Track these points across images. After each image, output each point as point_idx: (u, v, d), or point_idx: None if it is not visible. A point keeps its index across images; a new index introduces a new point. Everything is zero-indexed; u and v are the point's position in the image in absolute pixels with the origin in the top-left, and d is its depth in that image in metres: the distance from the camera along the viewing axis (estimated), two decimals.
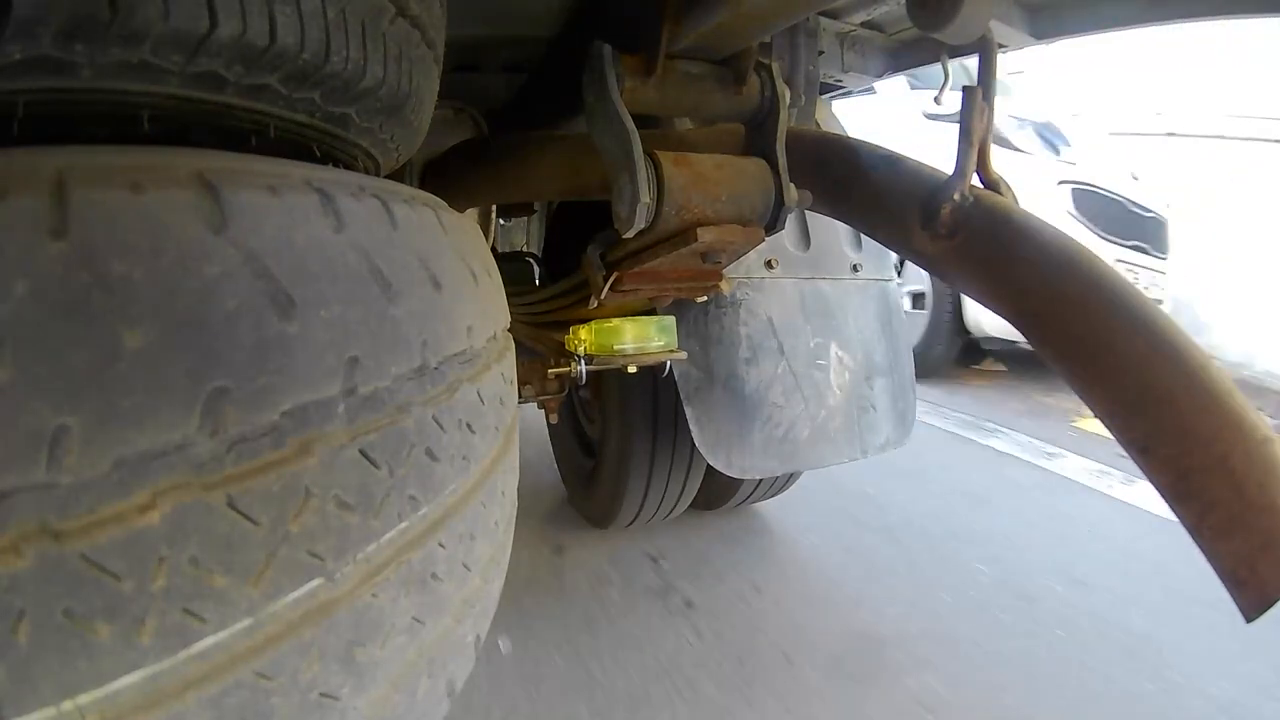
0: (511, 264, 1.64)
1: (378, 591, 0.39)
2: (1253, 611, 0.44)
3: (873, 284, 1.26)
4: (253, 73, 0.42)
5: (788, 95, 0.75)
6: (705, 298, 1.04)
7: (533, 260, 1.70)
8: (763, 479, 1.59)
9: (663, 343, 1.06)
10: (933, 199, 0.63)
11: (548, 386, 1.40)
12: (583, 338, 1.09)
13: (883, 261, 1.28)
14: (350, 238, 0.38)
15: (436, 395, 0.43)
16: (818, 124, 1.15)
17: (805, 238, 1.19)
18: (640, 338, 1.05)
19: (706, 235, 0.71)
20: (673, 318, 1.08)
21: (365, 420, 0.37)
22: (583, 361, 1.08)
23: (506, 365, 0.59)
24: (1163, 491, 0.49)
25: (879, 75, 1.32)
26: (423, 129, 0.67)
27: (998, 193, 0.63)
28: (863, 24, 1.22)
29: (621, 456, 1.46)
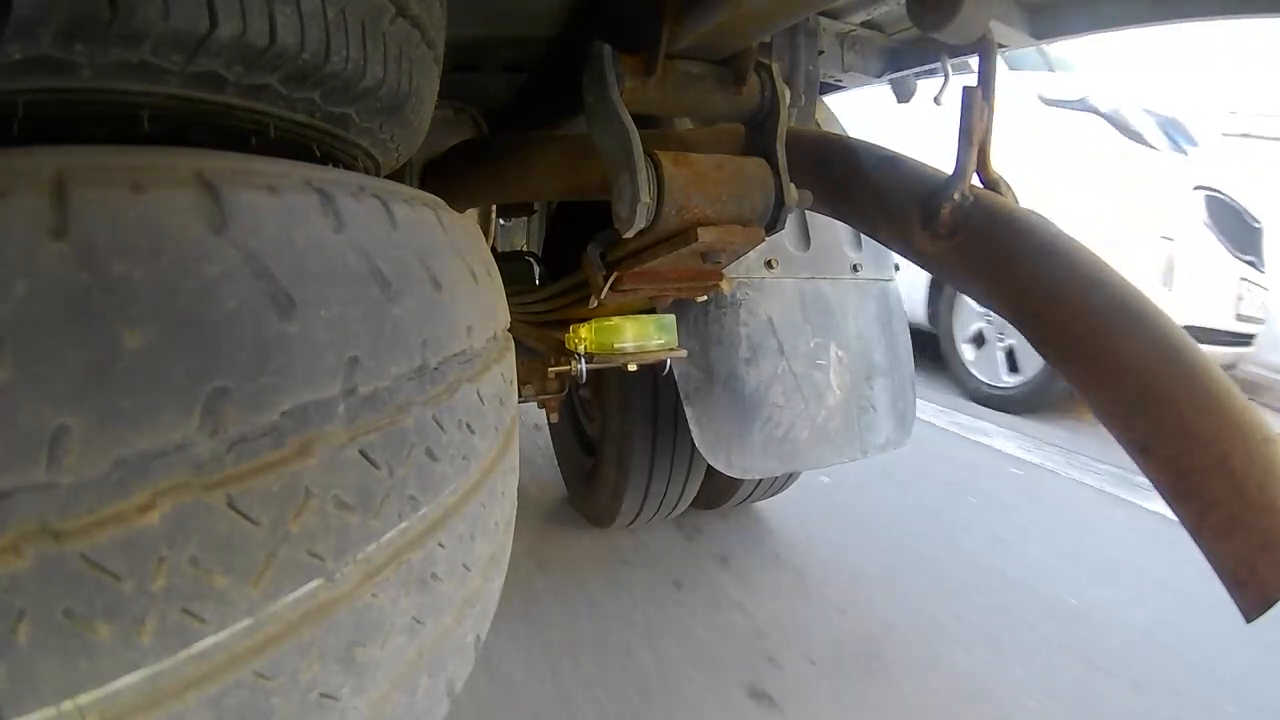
0: (511, 264, 1.64)
1: (378, 591, 0.39)
2: (1253, 611, 0.44)
3: (873, 284, 1.26)
4: (253, 73, 0.42)
5: (788, 95, 0.75)
6: (705, 297, 1.04)
7: (533, 260, 1.70)
8: (763, 479, 1.59)
9: (663, 341, 1.06)
10: (933, 199, 0.63)
11: (548, 385, 1.40)
12: (583, 336, 1.09)
13: (883, 261, 1.28)
14: (350, 238, 0.38)
15: (436, 395, 0.43)
16: (818, 124, 1.15)
17: (805, 238, 1.19)
18: (640, 336, 1.05)
19: (706, 235, 0.71)
20: (673, 316, 1.08)
21: (365, 420, 0.37)
22: (583, 360, 1.08)
23: (506, 365, 0.59)
24: (1163, 491, 0.49)
25: (879, 75, 1.32)
26: (423, 129, 0.67)
27: (998, 193, 0.63)
28: (863, 24, 1.22)
29: (621, 456, 1.46)
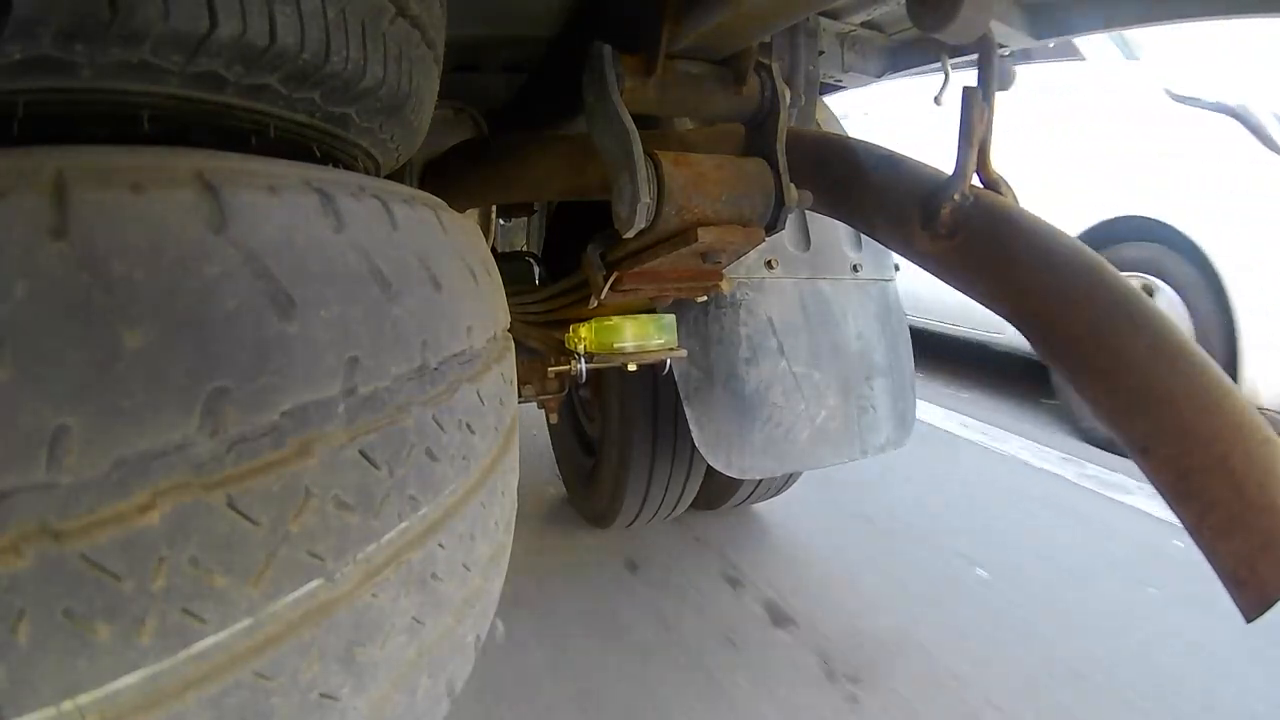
0: (511, 264, 1.64)
1: (378, 591, 0.39)
2: (1253, 611, 0.44)
3: (873, 284, 1.26)
4: (253, 73, 0.42)
5: (788, 95, 0.75)
6: (705, 298, 1.04)
7: (533, 260, 1.70)
8: (762, 479, 1.59)
9: (663, 341, 1.06)
10: (933, 199, 0.63)
11: (548, 385, 1.40)
12: (583, 336, 1.08)
13: (883, 261, 1.28)
14: (350, 238, 0.38)
15: (436, 395, 0.43)
16: (818, 124, 1.15)
17: (805, 238, 1.19)
18: (640, 336, 1.05)
19: (707, 235, 0.71)
20: (672, 316, 1.08)
21: (365, 420, 0.37)
22: (583, 360, 1.08)
23: (506, 365, 0.59)
24: (1163, 491, 0.49)
25: (879, 75, 1.32)
26: (423, 129, 0.67)
27: (998, 193, 0.63)
28: (863, 24, 1.22)
29: (621, 456, 1.46)
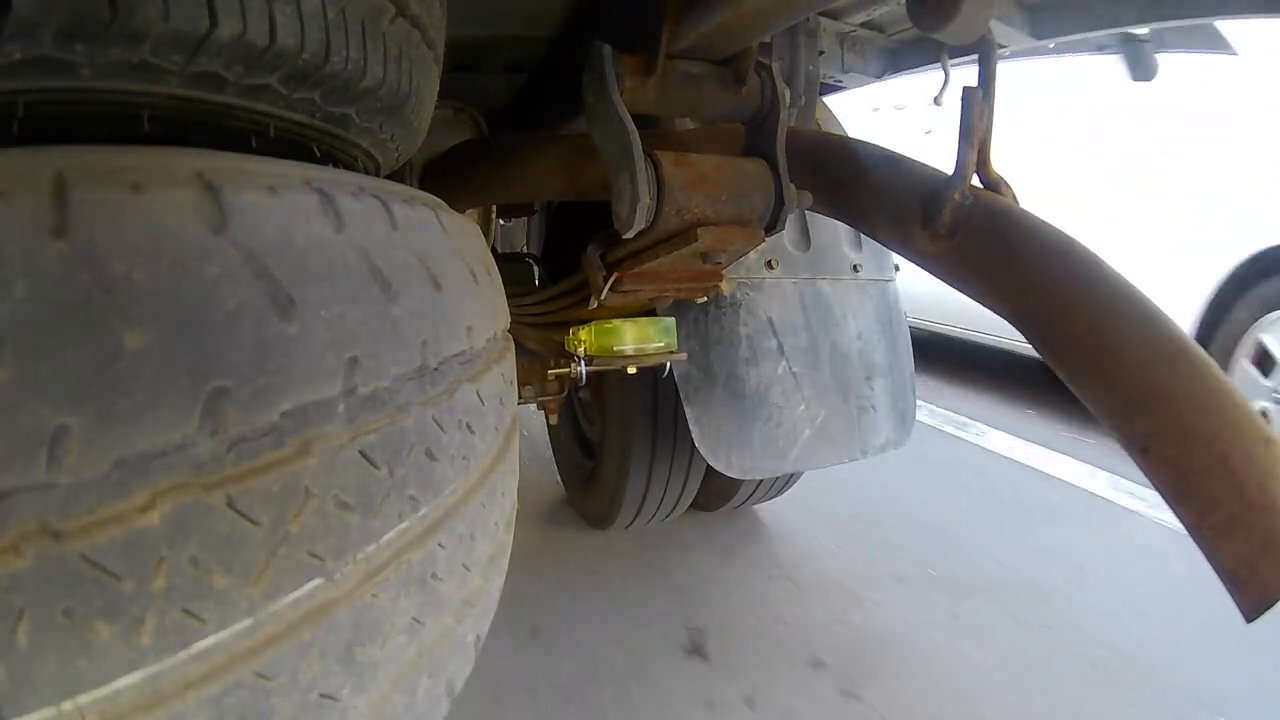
0: (511, 264, 1.64)
1: (378, 592, 0.39)
2: (1252, 612, 0.44)
3: (873, 284, 1.26)
4: (253, 73, 0.42)
5: (788, 95, 0.75)
6: (705, 298, 1.04)
7: (533, 260, 1.70)
8: (763, 480, 1.59)
9: (663, 344, 1.06)
10: (933, 199, 0.63)
11: (548, 387, 1.40)
12: (582, 338, 1.08)
13: (883, 261, 1.28)
14: (350, 238, 0.38)
15: (436, 396, 0.43)
16: (818, 124, 1.15)
17: (805, 238, 1.19)
18: (640, 339, 1.05)
19: (707, 236, 0.71)
20: (673, 319, 1.08)
21: (365, 420, 0.37)
22: (583, 362, 1.08)
23: (506, 366, 0.59)
24: (1163, 491, 0.49)
25: (879, 75, 1.32)
26: (423, 129, 0.67)
27: (998, 193, 0.63)
28: (863, 24, 1.22)
29: (621, 457, 1.46)
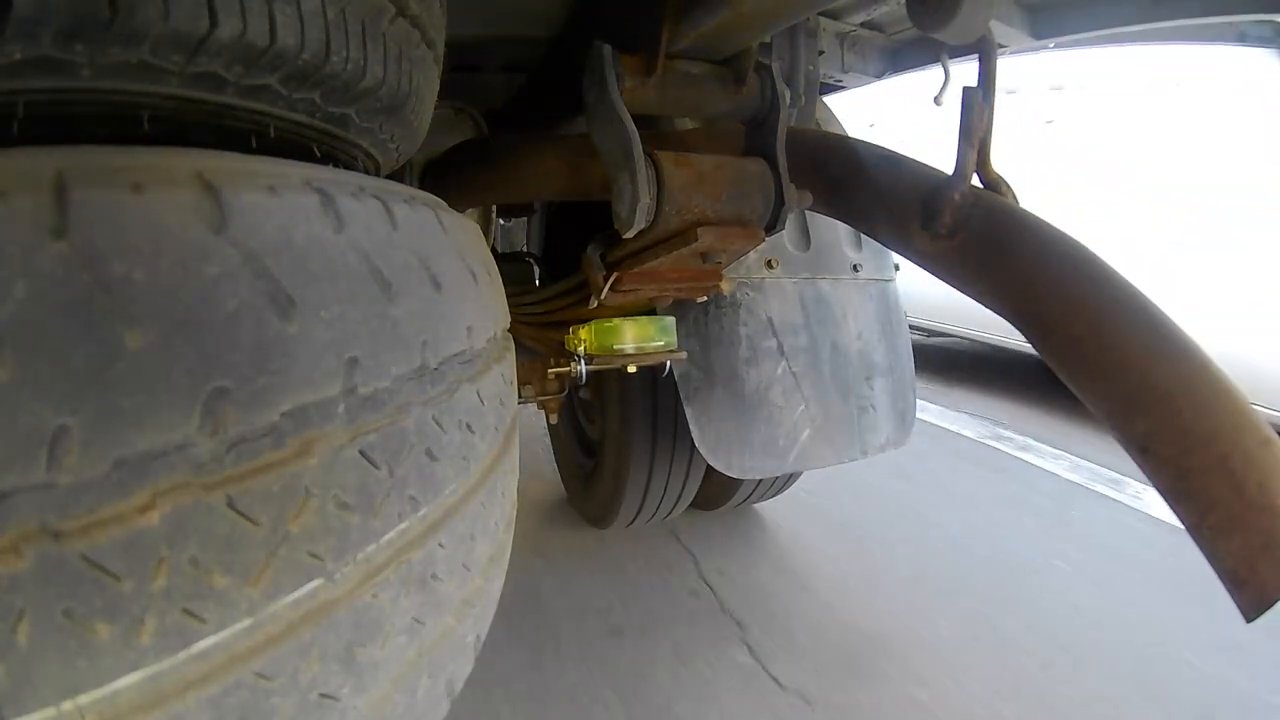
0: (511, 264, 1.64)
1: (378, 592, 0.39)
2: (1252, 611, 0.44)
3: (873, 284, 1.26)
4: (253, 73, 0.42)
5: (788, 95, 0.75)
6: (705, 298, 1.04)
7: (533, 260, 1.70)
8: (762, 479, 1.59)
9: (663, 343, 1.06)
10: (933, 199, 0.63)
11: (548, 386, 1.40)
12: (583, 337, 1.08)
13: (883, 261, 1.28)
14: (350, 238, 0.38)
15: (436, 396, 0.43)
16: (818, 124, 1.15)
17: (805, 238, 1.19)
18: (640, 338, 1.05)
19: (707, 235, 0.71)
20: (673, 318, 1.08)
21: (365, 420, 0.37)
22: (583, 361, 1.08)
23: (506, 366, 0.59)
24: (1163, 491, 0.49)
25: (879, 75, 1.32)
26: (423, 129, 0.67)
27: (998, 193, 0.63)
28: (863, 24, 1.22)
29: (621, 457, 1.46)
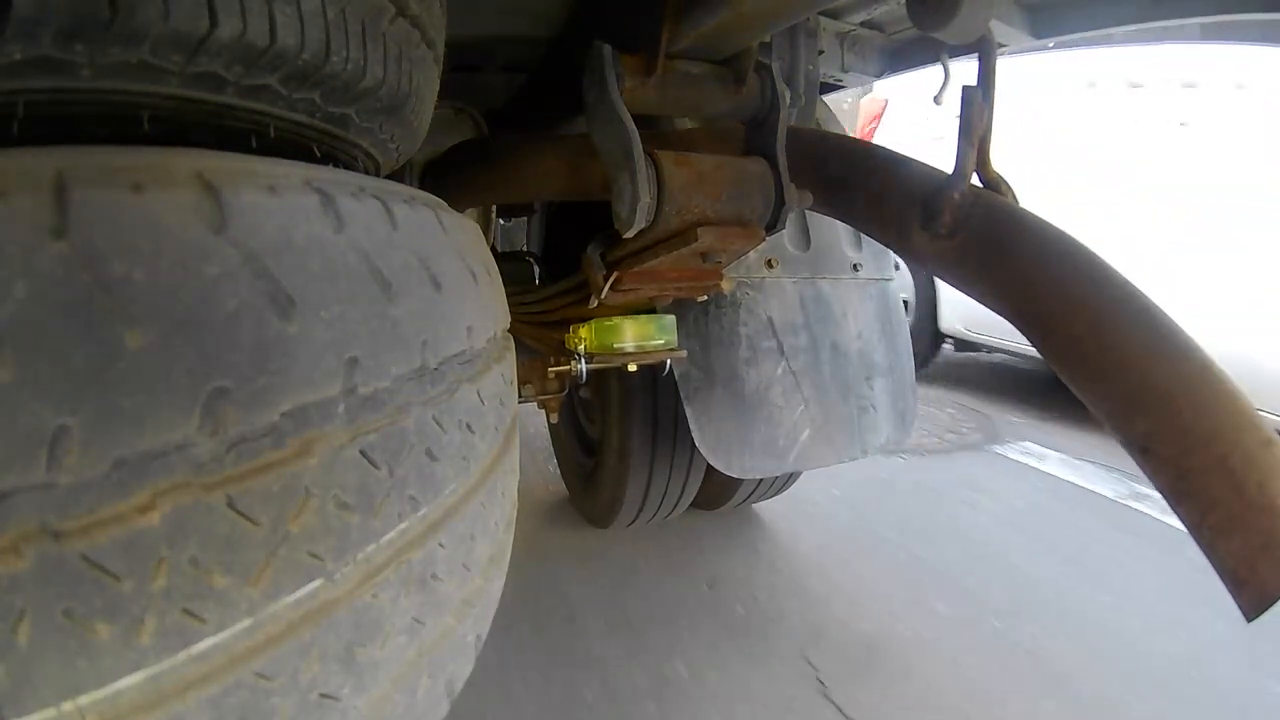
0: (511, 264, 1.64)
1: (378, 592, 0.39)
2: (1253, 611, 0.44)
3: (873, 284, 1.26)
4: (253, 73, 0.42)
5: (787, 95, 0.75)
6: (705, 297, 1.04)
7: (533, 260, 1.70)
8: (763, 479, 1.59)
9: (663, 341, 1.06)
10: (933, 199, 0.63)
11: (548, 385, 1.40)
12: (583, 336, 1.08)
13: (883, 261, 1.28)
14: (350, 238, 0.38)
15: (436, 396, 0.43)
16: (818, 123, 1.15)
17: (805, 237, 1.19)
18: (641, 336, 1.05)
19: (707, 235, 0.71)
20: (673, 316, 1.08)
21: (365, 420, 0.37)
22: (583, 360, 1.08)
23: (506, 366, 0.59)
24: (1163, 491, 0.49)
25: (879, 75, 1.32)
26: (423, 129, 0.67)
27: (998, 192, 0.63)
28: (863, 24, 1.22)
29: (622, 456, 1.46)
